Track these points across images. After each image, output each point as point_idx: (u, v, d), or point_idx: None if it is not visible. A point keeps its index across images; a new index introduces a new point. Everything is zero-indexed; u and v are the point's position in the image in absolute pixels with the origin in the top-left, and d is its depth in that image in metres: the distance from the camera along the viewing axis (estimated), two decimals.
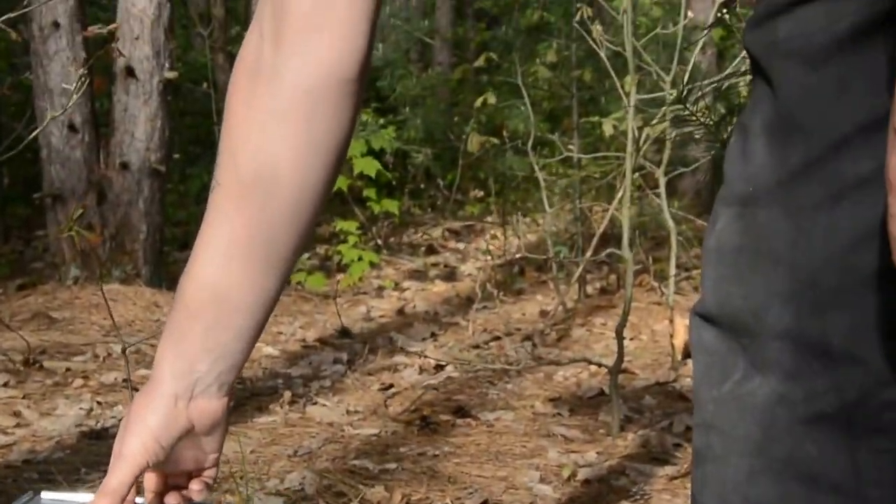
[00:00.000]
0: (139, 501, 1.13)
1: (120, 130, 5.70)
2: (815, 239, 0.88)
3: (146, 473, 1.11)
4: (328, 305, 5.48)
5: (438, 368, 4.29)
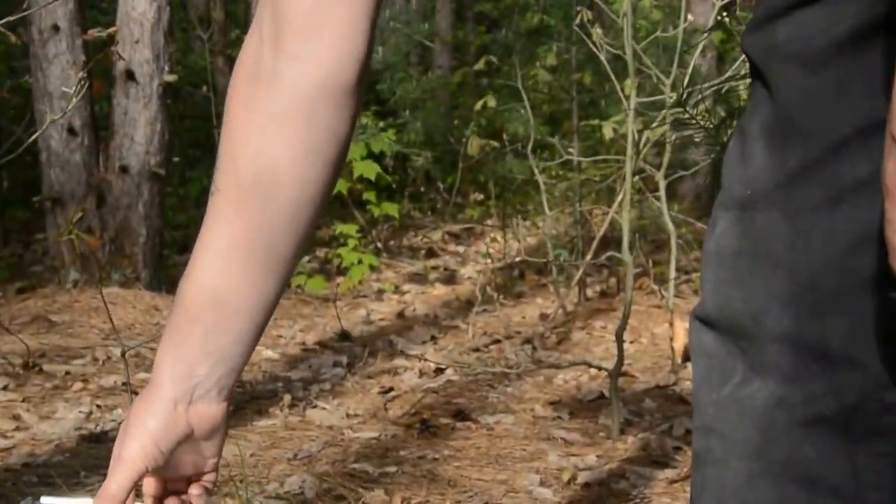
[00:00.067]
0: None
1: (119, 134, 5.70)
2: (813, 242, 0.88)
3: (145, 478, 1.11)
4: (328, 309, 5.48)
5: (438, 372, 4.29)
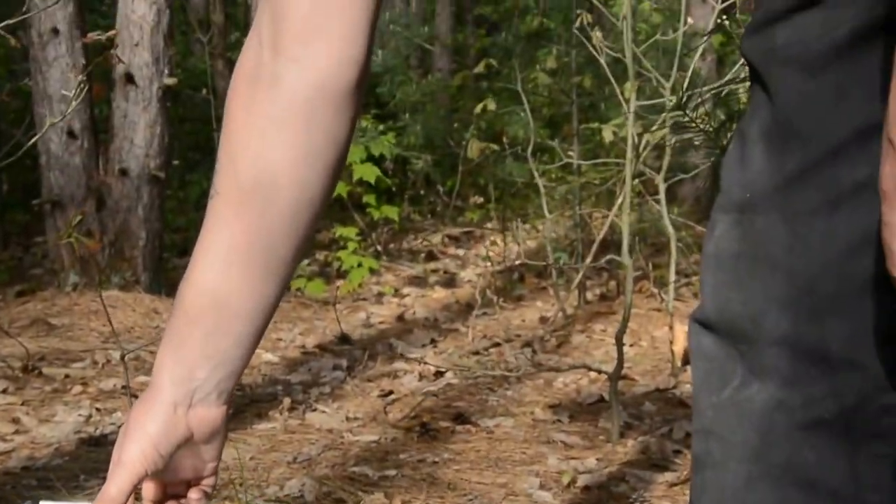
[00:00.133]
0: None
1: (119, 137, 5.70)
2: (812, 245, 0.88)
3: (144, 482, 1.10)
4: (328, 312, 5.48)
5: (438, 375, 4.29)
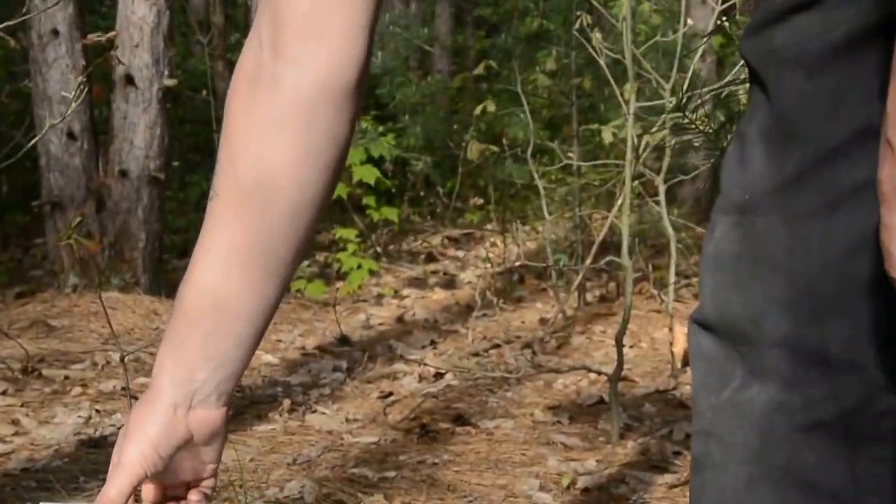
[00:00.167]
0: None
1: (119, 138, 5.70)
2: (811, 246, 0.88)
3: (144, 484, 1.10)
4: (327, 313, 5.48)
5: (438, 376, 4.29)
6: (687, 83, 3.89)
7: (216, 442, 1.11)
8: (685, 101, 3.03)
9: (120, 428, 1.05)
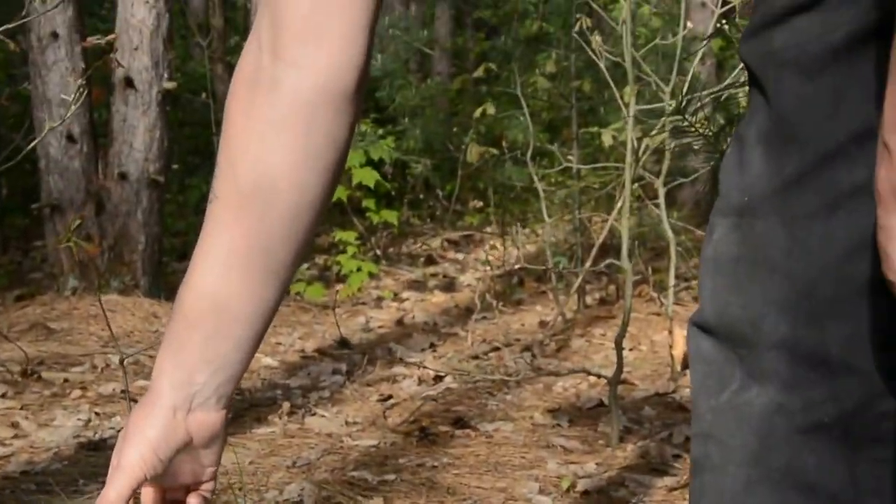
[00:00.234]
0: None
1: (118, 141, 5.70)
2: (810, 248, 0.88)
3: (143, 488, 1.10)
4: (327, 316, 5.47)
5: (437, 379, 4.29)
6: (686, 86, 3.89)
7: (215, 445, 1.11)
8: (685, 103, 3.03)
9: (119, 431, 1.05)
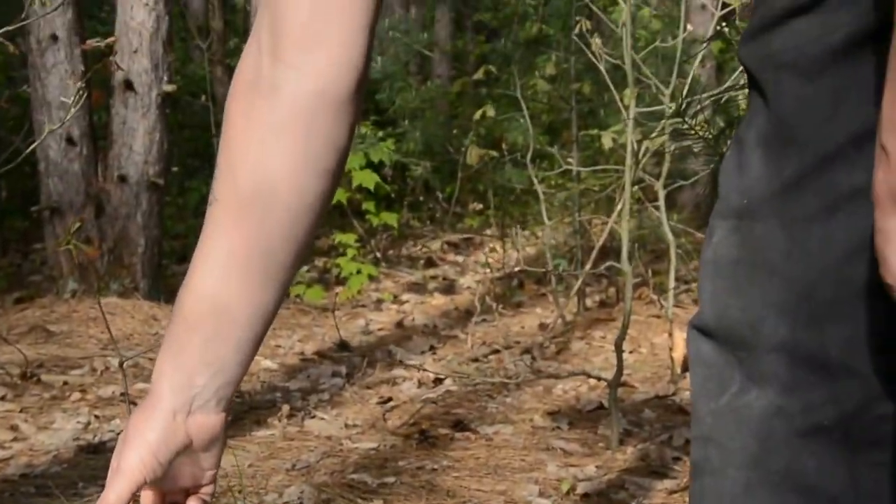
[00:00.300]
0: None
1: (118, 143, 5.70)
2: (810, 250, 0.88)
3: (143, 491, 1.10)
4: (327, 318, 5.47)
5: (437, 382, 4.28)
6: (686, 88, 3.89)
7: (215, 448, 1.11)
8: (685, 106, 3.03)
9: (119, 433, 1.05)
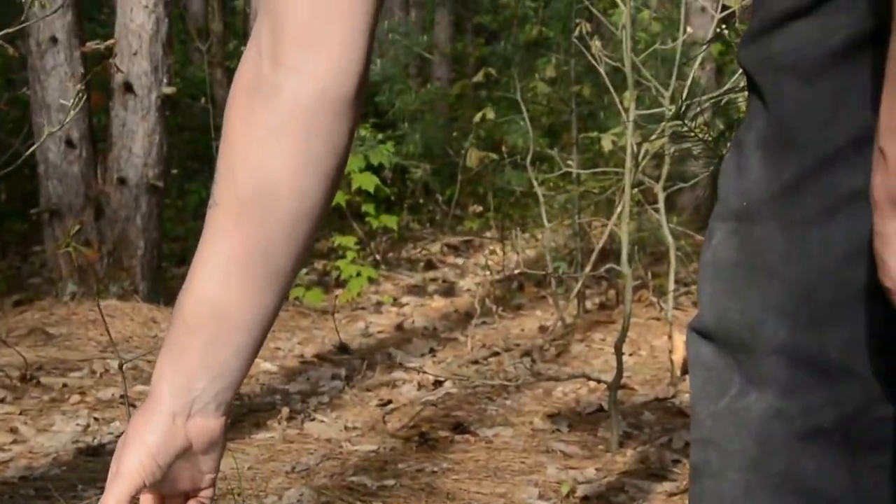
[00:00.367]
0: None
1: (118, 146, 5.70)
2: (809, 253, 0.88)
3: (142, 494, 1.10)
4: (326, 321, 5.47)
5: (437, 384, 4.28)
6: (686, 91, 3.89)
7: (215, 451, 1.11)
8: (684, 108, 3.03)
9: (118, 436, 1.05)
